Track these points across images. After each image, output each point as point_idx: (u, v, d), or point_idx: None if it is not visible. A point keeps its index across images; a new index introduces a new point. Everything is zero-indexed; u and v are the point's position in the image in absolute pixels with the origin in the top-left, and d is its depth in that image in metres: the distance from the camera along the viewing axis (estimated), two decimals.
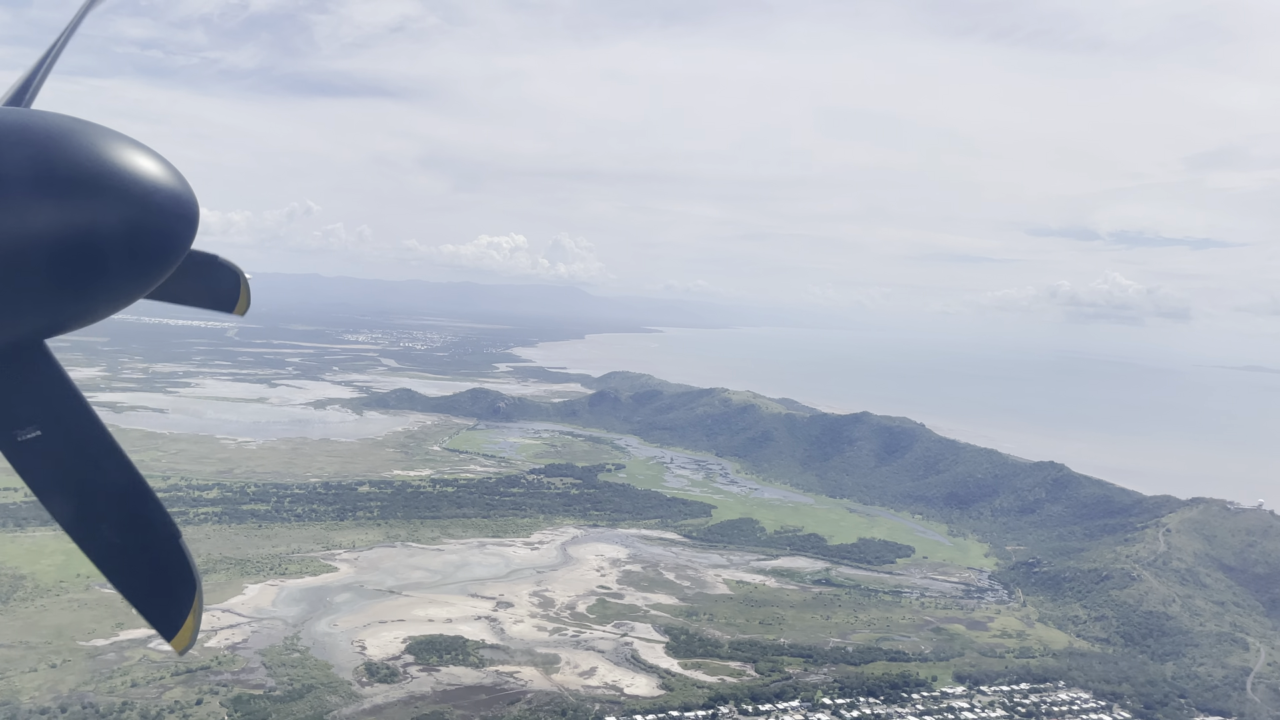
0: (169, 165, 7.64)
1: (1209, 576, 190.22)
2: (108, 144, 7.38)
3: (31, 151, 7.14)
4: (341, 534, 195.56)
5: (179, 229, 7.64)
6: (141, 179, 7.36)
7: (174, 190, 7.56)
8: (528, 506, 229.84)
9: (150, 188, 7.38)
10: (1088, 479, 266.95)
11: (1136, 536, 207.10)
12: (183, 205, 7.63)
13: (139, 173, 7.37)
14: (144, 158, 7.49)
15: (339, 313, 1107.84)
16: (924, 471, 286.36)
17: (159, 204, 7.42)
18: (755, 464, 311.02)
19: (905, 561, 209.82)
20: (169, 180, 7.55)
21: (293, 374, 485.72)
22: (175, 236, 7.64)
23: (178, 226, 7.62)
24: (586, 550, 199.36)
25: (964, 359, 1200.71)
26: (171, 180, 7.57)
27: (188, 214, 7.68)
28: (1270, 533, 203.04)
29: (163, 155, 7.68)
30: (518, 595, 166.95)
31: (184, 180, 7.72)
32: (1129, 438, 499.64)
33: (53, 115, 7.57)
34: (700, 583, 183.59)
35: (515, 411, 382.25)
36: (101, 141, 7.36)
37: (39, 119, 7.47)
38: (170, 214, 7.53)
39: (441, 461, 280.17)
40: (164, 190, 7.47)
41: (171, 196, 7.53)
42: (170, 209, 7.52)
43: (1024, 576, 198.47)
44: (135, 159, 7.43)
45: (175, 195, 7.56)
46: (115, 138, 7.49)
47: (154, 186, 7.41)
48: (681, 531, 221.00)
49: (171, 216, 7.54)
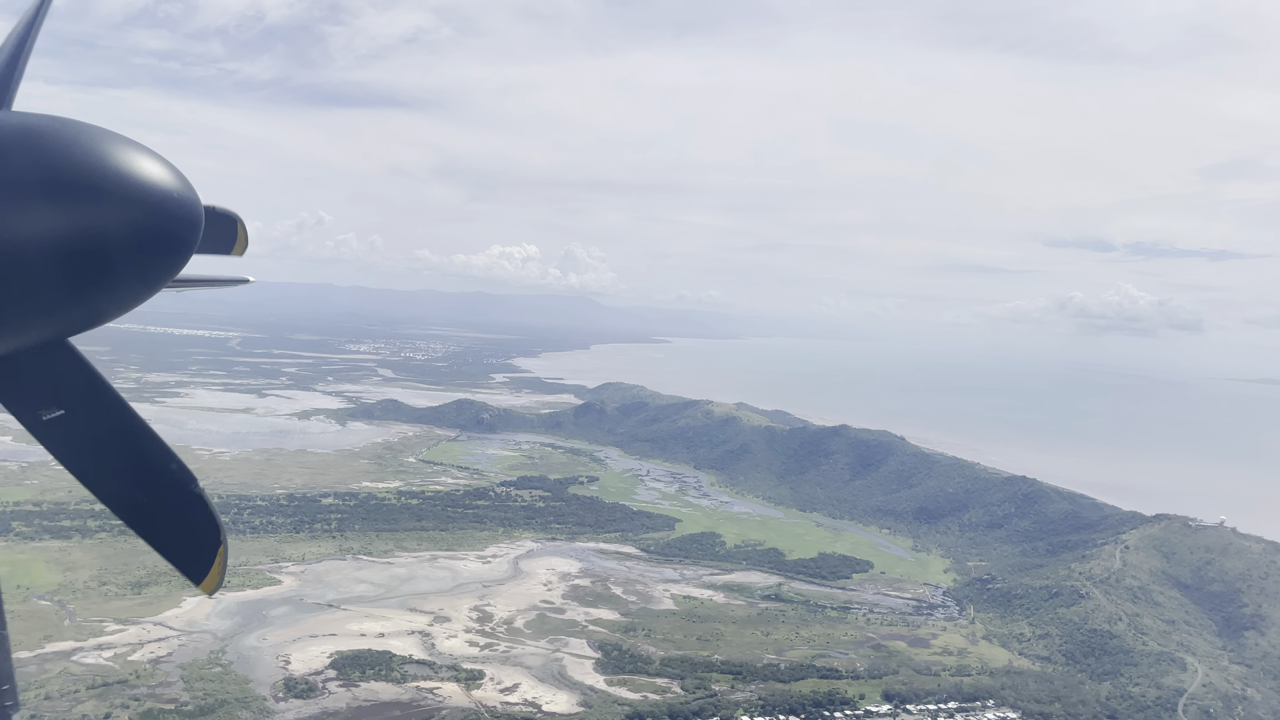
0: (173, 168, 7.71)
1: (1162, 594, 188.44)
2: (112, 147, 7.42)
3: (36, 155, 7.18)
4: (294, 546, 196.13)
5: (184, 232, 7.68)
6: (146, 182, 7.40)
7: (178, 193, 7.61)
8: (489, 519, 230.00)
9: (155, 191, 7.43)
10: (1059, 494, 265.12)
11: (1094, 553, 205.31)
12: (187, 208, 7.68)
13: (143, 176, 7.41)
14: (148, 161, 7.55)
15: (348, 322, 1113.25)
16: (897, 485, 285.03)
17: (163, 207, 7.47)
18: (731, 477, 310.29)
19: (861, 577, 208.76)
20: (173, 183, 7.60)
21: (285, 384, 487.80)
22: (180, 239, 7.69)
23: (182, 229, 7.67)
24: (539, 564, 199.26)
25: (972, 370, 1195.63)
26: (175, 183, 7.62)
27: (192, 216, 7.73)
28: (1229, 550, 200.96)
29: (166, 158, 7.75)
30: (457, 610, 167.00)
31: (188, 183, 7.79)
32: (1126, 452, 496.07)
33: (56, 119, 7.57)
34: (646, 598, 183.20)
35: (499, 423, 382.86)
36: (106, 145, 7.40)
37: (42, 122, 7.47)
38: (175, 217, 7.57)
39: (413, 473, 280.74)
40: (168, 193, 7.52)
41: (176, 199, 7.57)
42: (175, 212, 7.56)
43: (977, 593, 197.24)
44: (139, 162, 7.47)
45: (179, 198, 7.61)
46: (119, 141, 7.54)
47: (158, 190, 7.45)
48: (640, 545, 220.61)
49: (176, 219, 7.58)
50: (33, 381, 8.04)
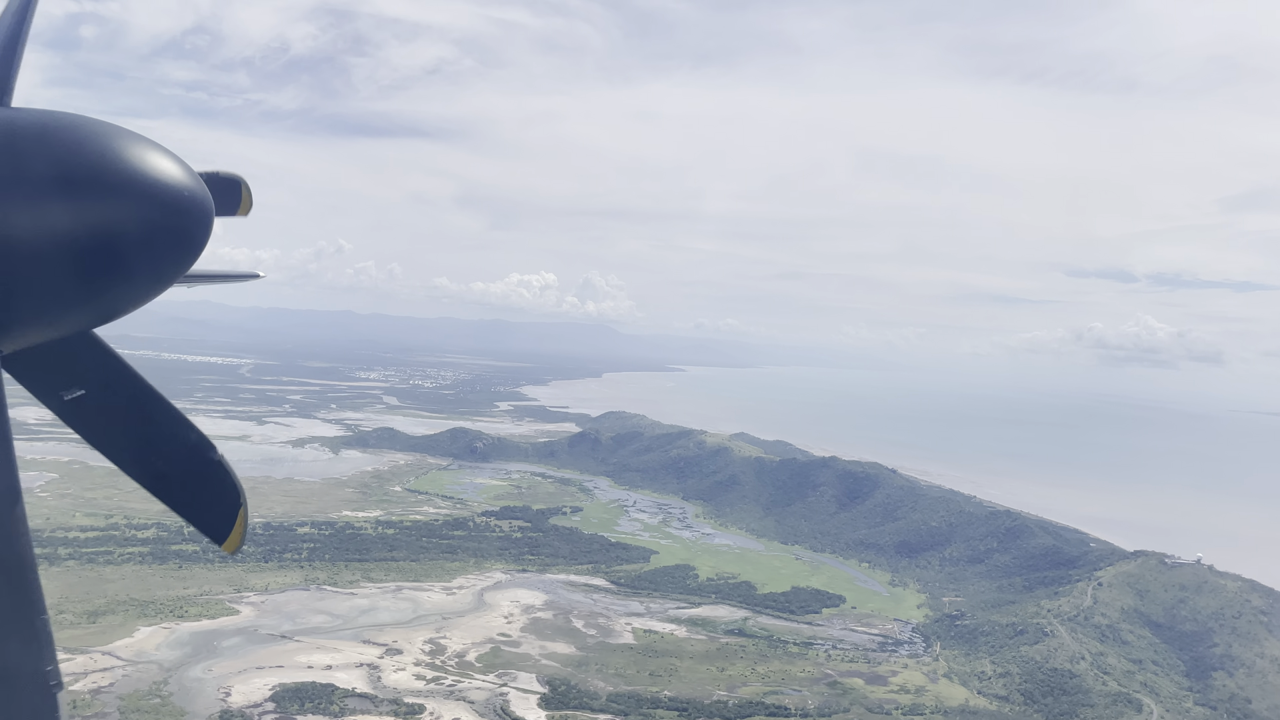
0: (185, 165, 7.82)
1: (1132, 633, 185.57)
2: (124, 144, 7.51)
3: (49, 152, 7.29)
4: (261, 576, 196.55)
5: (195, 228, 7.77)
6: (158, 178, 7.49)
7: (190, 189, 7.70)
8: (462, 550, 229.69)
9: (167, 187, 7.51)
10: (1044, 528, 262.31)
11: (1067, 590, 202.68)
12: (199, 204, 7.77)
13: (155, 172, 7.50)
14: (160, 157, 7.63)
15: (364, 350, 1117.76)
16: (881, 518, 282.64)
17: (175, 203, 7.55)
18: (718, 508, 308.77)
19: (831, 612, 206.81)
20: (185, 180, 7.69)
21: (287, 411, 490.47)
22: (191, 234, 7.77)
23: (194, 225, 7.75)
24: (504, 596, 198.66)
25: (988, 401, 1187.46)
26: (187, 180, 7.72)
27: (203, 212, 7.82)
28: (1204, 589, 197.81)
29: (178, 155, 7.88)
30: (411, 642, 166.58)
31: (199, 180, 7.89)
32: (1130, 486, 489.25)
33: (68, 115, 7.68)
34: (607, 631, 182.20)
35: (492, 452, 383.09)
36: (118, 141, 7.49)
37: (55, 119, 7.57)
38: (186, 212, 7.65)
39: (396, 503, 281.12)
40: (180, 190, 7.60)
41: (187, 195, 7.65)
42: (186, 207, 7.65)
43: (945, 629, 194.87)
44: (151, 158, 7.55)
45: (191, 194, 7.70)
46: (131, 137, 7.64)
47: (170, 185, 7.54)
48: (611, 578, 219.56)
49: (188, 215, 7.66)
50: (52, 365, 8.29)
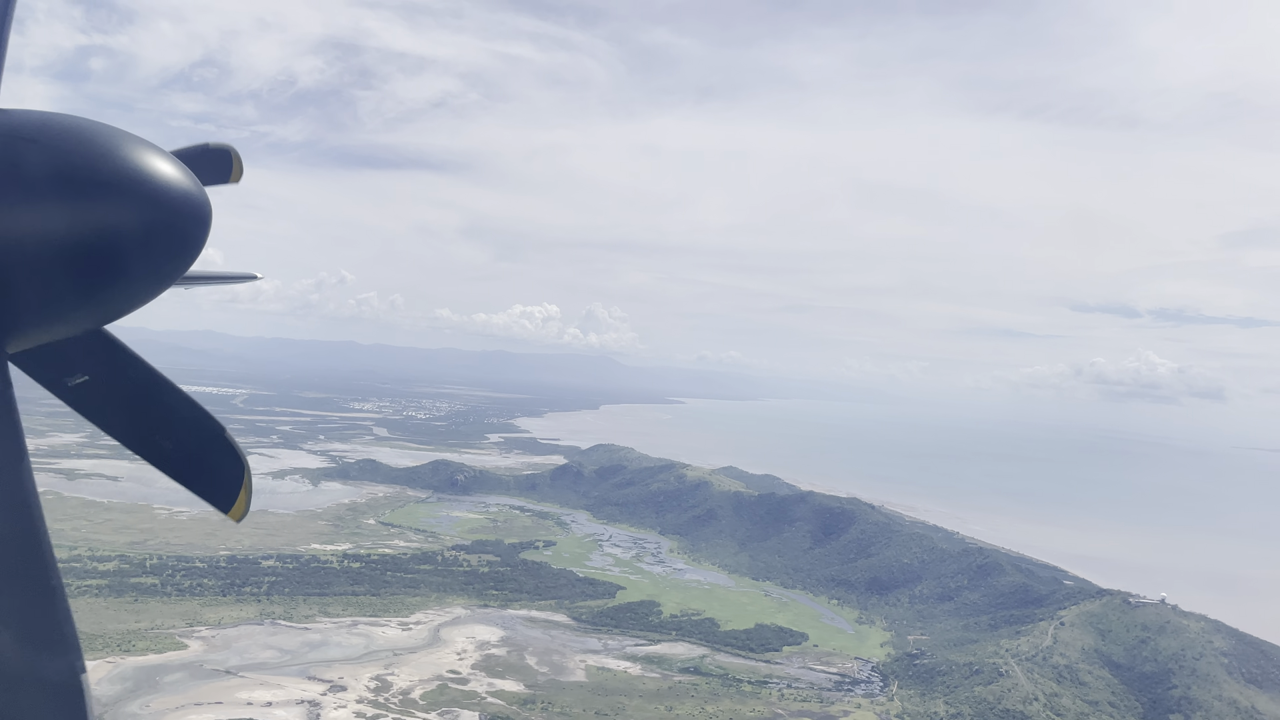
0: (182, 166, 7.79)
1: (1090, 674, 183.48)
2: (122, 145, 7.50)
3: (47, 153, 7.26)
4: (216, 610, 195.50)
5: (193, 229, 7.75)
6: (156, 180, 7.48)
7: (188, 191, 7.68)
8: (425, 585, 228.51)
9: (165, 188, 7.51)
10: (1015, 567, 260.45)
11: (1029, 629, 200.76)
12: (197, 206, 7.76)
13: (154, 174, 7.48)
14: (158, 159, 7.62)
15: (363, 380, 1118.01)
16: (855, 555, 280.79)
17: (174, 204, 7.54)
18: (693, 543, 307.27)
19: (792, 650, 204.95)
20: (183, 181, 7.67)
21: (274, 443, 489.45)
22: (190, 237, 7.75)
23: (192, 227, 7.73)
24: (460, 632, 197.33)
25: (987, 435, 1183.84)
26: (186, 181, 7.70)
27: (201, 214, 7.81)
28: (1166, 629, 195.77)
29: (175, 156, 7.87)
30: (358, 679, 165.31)
31: (197, 181, 7.88)
32: (1118, 524, 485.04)
33: (67, 117, 7.65)
34: (559, 668, 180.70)
35: (473, 484, 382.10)
36: (116, 143, 7.49)
37: (53, 120, 7.55)
38: (185, 214, 7.64)
39: (367, 536, 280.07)
40: (179, 191, 7.59)
41: (186, 197, 7.64)
42: (184, 209, 7.63)
43: (905, 668, 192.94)
44: (150, 160, 7.54)
45: (190, 196, 7.68)
46: (130, 139, 7.64)
47: (168, 187, 7.53)
48: (574, 614, 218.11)
49: (186, 217, 7.65)
50: (56, 353, 8.32)
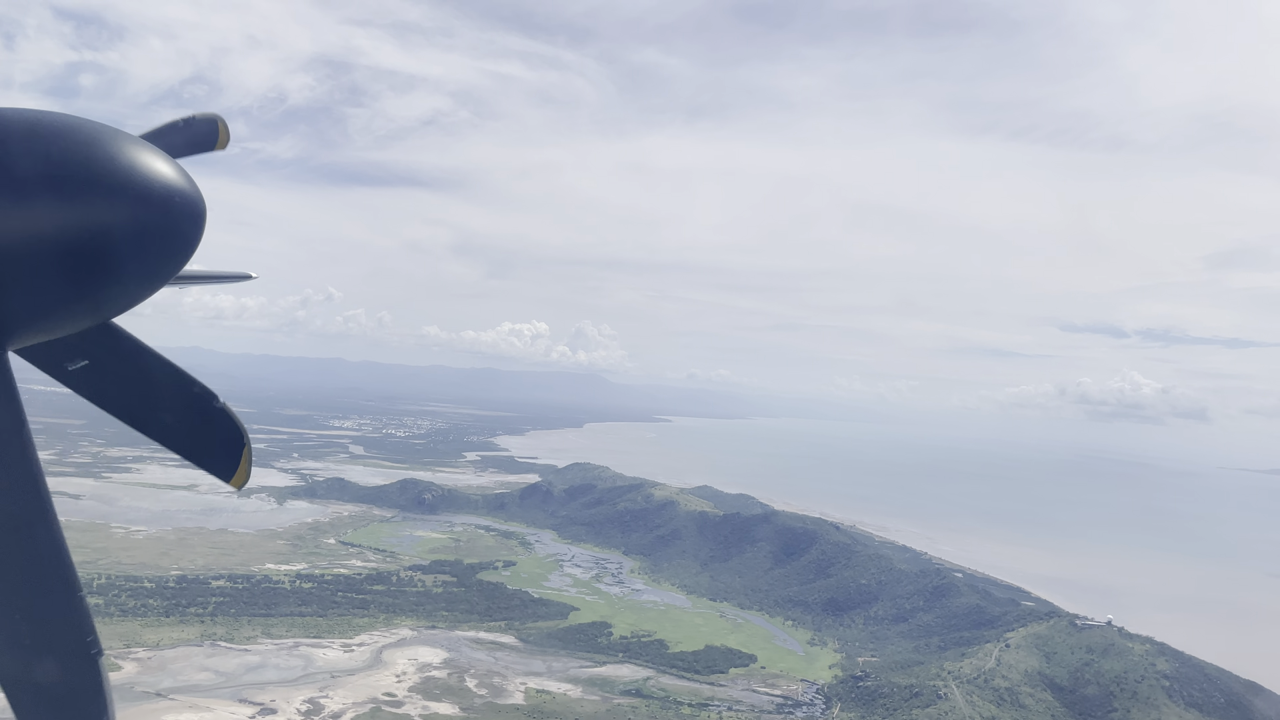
0: (178, 166, 7.69)
1: (1031, 696, 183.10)
2: (116, 144, 7.39)
3: (41, 151, 7.14)
4: (157, 631, 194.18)
5: (187, 228, 7.65)
6: (150, 178, 7.37)
7: (182, 190, 7.57)
8: (375, 605, 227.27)
9: (159, 187, 7.39)
10: (971, 588, 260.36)
11: (974, 651, 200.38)
12: (191, 204, 7.64)
13: (147, 172, 7.38)
14: (152, 157, 7.51)
15: (349, 397, 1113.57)
16: (814, 575, 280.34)
17: (167, 202, 7.43)
18: (656, 563, 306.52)
19: (739, 671, 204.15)
20: (177, 179, 7.57)
21: None
22: (184, 235, 7.65)
23: (186, 225, 7.63)
24: (403, 654, 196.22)
25: (971, 455, 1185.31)
26: (180, 180, 7.59)
27: (195, 212, 7.70)
28: (1110, 651, 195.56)
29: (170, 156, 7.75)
30: (289, 701, 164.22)
31: (192, 180, 7.77)
32: (1093, 545, 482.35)
33: (60, 115, 7.53)
34: (498, 691, 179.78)
35: (441, 503, 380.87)
36: (110, 141, 7.37)
37: (46, 118, 7.41)
38: (178, 212, 7.53)
39: (325, 555, 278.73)
40: (173, 189, 7.48)
41: (180, 196, 7.53)
42: (178, 207, 7.52)
43: (848, 691, 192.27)
44: (143, 158, 7.42)
45: (184, 194, 7.57)
46: (123, 137, 7.53)
47: (162, 185, 7.42)
48: (523, 635, 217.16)
49: (180, 215, 7.54)
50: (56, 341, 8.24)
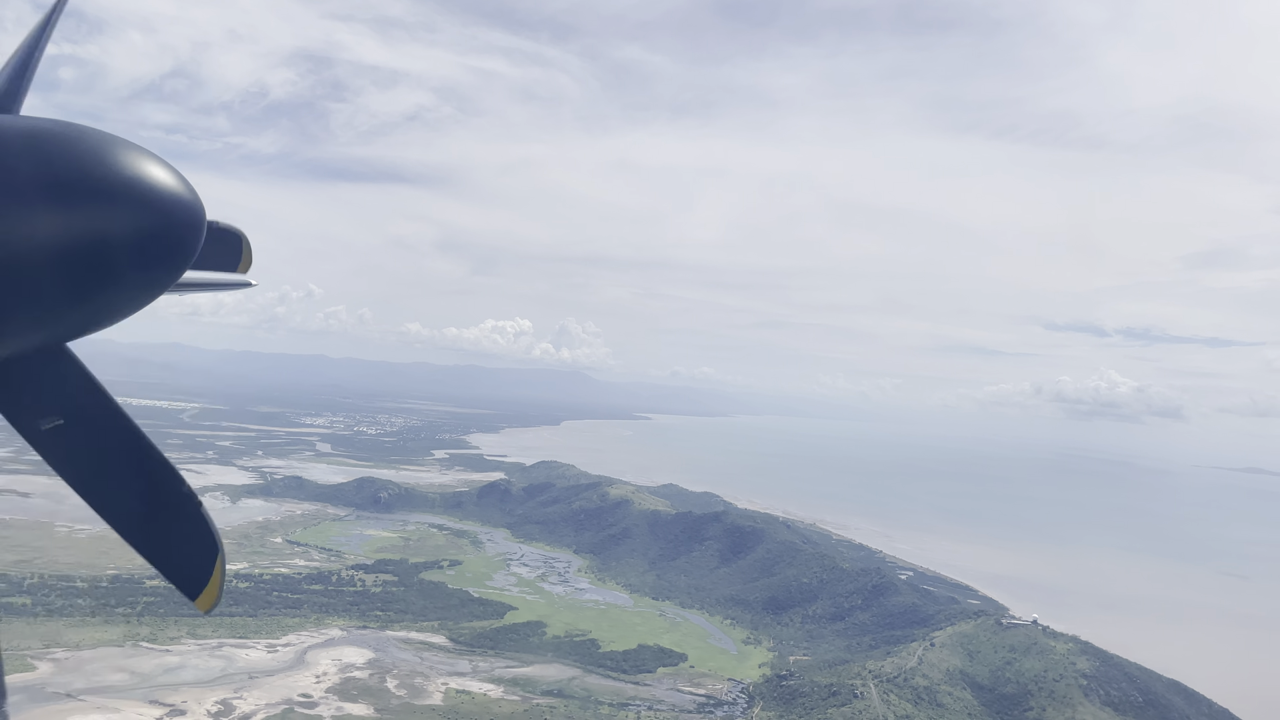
0: (176, 172, 7.64)
1: (950, 696, 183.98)
2: (115, 151, 7.36)
3: (40, 158, 7.12)
4: (79, 632, 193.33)
5: (187, 235, 7.61)
6: (149, 185, 7.34)
7: (182, 197, 7.54)
8: (308, 605, 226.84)
9: (158, 194, 7.36)
10: (910, 587, 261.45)
11: (898, 650, 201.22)
12: (190, 212, 7.61)
13: (147, 179, 7.36)
14: (152, 164, 7.48)
15: (328, 394, 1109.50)
16: (758, 574, 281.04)
17: (166, 210, 7.39)
18: (605, 562, 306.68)
19: (666, 671, 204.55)
20: (177, 187, 7.53)
21: (209, 458, 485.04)
22: (183, 242, 7.62)
23: (185, 233, 7.59)
24: (328, 654, 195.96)
25: (948, 453, 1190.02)
26: (179, 187, 7.56)
27: (194, 220, 7.66)
28: (1032, 650, 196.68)
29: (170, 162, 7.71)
30: (201, 703, 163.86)
31: (191, 187, 7.73)
32: (1055, 544, 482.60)
33: (60, 122, 7.55)
34: (418, 691, 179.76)
35: (397, 502, 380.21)
36: (109, 148, 7.36)
37: (46, 125, 7.44)
38: (177, 220, 7.48)
39: (268, 554, 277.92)
40: (172, 197, 7.45)
41: (179, 203, 7.50)
42: (177, 215, 7.48)
43: (772, 690, 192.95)
44: (143, 165, 7.42)
45: (183, 202, 7.54)
46: (123, 144, 7.48)
47: (161, 193, 7.39)
48: (455, 635, 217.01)
49: (179, 223, 7.50)
50: (33, 389, 8.08)
